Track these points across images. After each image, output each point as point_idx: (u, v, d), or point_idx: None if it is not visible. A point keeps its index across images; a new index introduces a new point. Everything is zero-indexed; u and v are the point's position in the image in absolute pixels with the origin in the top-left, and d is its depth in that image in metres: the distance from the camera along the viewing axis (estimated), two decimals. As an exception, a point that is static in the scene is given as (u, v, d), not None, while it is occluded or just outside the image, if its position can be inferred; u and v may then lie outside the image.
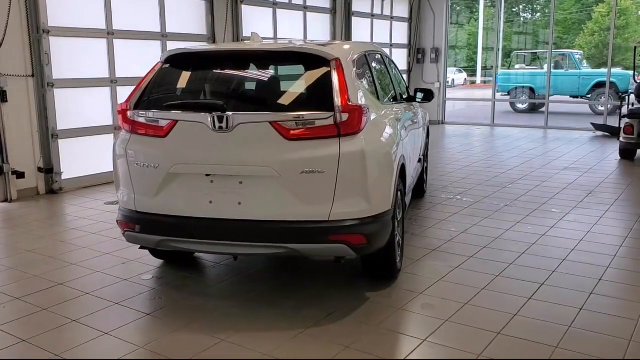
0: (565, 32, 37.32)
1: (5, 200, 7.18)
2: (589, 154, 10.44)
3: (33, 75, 7.32)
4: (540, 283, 4.34)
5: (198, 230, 3.81)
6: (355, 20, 13.00)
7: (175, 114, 3.81)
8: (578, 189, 7.54)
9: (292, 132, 3.60)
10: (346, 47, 4.08)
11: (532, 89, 19.59)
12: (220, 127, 3.66)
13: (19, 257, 5.15)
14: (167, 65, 4.10)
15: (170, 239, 3.87)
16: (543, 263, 4.77)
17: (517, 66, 21.56)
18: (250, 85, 4.06)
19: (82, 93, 7.95)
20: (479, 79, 38.86)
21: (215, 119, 3.65)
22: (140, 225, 3.95)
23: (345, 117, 3.60)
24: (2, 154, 7.12)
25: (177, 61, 4.09)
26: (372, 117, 3.88)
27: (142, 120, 3.93)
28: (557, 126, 14.35)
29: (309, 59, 3.81)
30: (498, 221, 6.05)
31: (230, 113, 3.64)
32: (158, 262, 4.89)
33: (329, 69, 3.75)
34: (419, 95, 5.92)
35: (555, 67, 19.11)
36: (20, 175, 7.23)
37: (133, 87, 8.56)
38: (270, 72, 4.10)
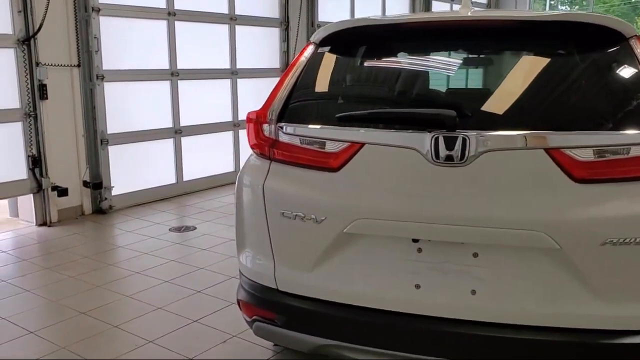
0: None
1: (44, 224, 5.67)
2: None
3: (79, 65, 5.78)
4: None
5: (393, 336, 2.20)
6: (435, 5, 11.33)
7: (360, 133, 2.19)
8: None
9: (587, 167, 1.96)
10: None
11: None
12: (448, 158, 2.04)
13: (71, 323, 3.60)
14: (326, 50, 2.48)
15: (340, 344, 2.27)
16: None
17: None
18: (494, 83, 2.39)
19: (137, 88, 6.39)
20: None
21: (441, 142, 2.03)
22: (286, 316, 2.36)
23: (684, 142, 1.95)
24: (40, 166, 5.60)
25: (344, 42, 2.46)
26: None
27: (292, 140, 2.32)
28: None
29: (593, 36, 2.15)
30: None
31: (470, 133, 2.02)
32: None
33: (631, 53, 2.09)
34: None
35: None
36: (62, 192, 5.70)
37: (196, 82, 7.22)
38: (527, 58, 2.39)
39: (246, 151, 7.63)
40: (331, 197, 2.23)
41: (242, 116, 7.49)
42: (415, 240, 2.14)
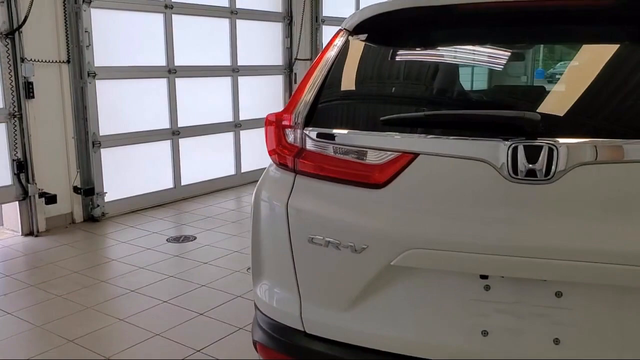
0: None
1: (30, 233, 5.23)
2: None
3: (68, 61, 5.33)
4: None
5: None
6: None
7: (412, 141, 1.76)
8: None
9: None
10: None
11: None
12: (530, 172, 1.61)
13: (57, 354, 3.16)
14: (362, 38, 2.03)
15: (385, 404, 1.83)
16: None
17: None
18: (581, 79, 1.93)
19: (132, 86, 5.94)
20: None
21: (520, 153, 1.60)
22: (315, 365, 1.92)
23: None
24: (25, 171, 5.15)
25: (384, 29, 2.02)
26: None
27: (324, 149, 1.89)
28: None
29: None
30: None
31: (558, 141, 1.58)
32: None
33: None
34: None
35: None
36: (50, 198, 5.25)
37: (195, 79, 6.76)
38: (624, 47, 1.93)
39: (248, 153, 7.26)
40: (375, 221, 1.79)
41: (243, 116, 7.06)
42: (483, 277, 1.71)
